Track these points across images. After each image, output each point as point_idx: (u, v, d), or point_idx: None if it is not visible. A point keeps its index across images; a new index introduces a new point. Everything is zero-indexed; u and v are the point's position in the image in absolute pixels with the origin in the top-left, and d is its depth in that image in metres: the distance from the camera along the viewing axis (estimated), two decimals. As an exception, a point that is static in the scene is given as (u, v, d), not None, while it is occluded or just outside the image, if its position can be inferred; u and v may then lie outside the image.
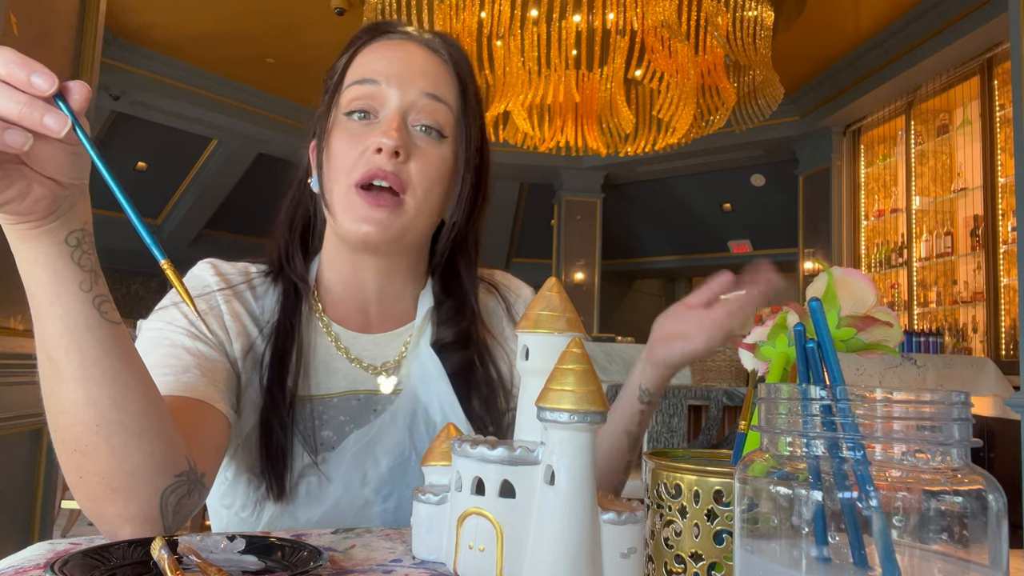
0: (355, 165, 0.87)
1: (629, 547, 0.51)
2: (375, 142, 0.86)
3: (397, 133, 0.86)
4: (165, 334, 0.86)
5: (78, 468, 0.66)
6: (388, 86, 0.89)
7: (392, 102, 0.89)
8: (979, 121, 5.71)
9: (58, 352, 0.62)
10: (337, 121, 0.90)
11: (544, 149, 5.44)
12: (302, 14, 6.23)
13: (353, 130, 0.89)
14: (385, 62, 0.91)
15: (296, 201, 0.99)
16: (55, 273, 0.61)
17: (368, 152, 0.87)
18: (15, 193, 0.56)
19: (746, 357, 0.62)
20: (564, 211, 9.62)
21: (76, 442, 0.65)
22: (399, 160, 0.87)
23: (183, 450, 0.71)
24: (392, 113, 0.88)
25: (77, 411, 0.64)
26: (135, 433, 0.65)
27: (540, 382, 0.53)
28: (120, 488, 0.66)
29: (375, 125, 0.89)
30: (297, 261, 0.96)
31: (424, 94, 0.90)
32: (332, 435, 0.91)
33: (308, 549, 0.58)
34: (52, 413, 0.66)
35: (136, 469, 0.66)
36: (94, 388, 0.63)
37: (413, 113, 0.89)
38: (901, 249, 6.58)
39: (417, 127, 0.90)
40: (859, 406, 0.39)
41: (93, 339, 0.63)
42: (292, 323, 0.92)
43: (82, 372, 0.63)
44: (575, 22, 4.51)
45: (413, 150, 0.88)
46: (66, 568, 0.50)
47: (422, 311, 0.96)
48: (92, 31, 2.39)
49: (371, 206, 0.86)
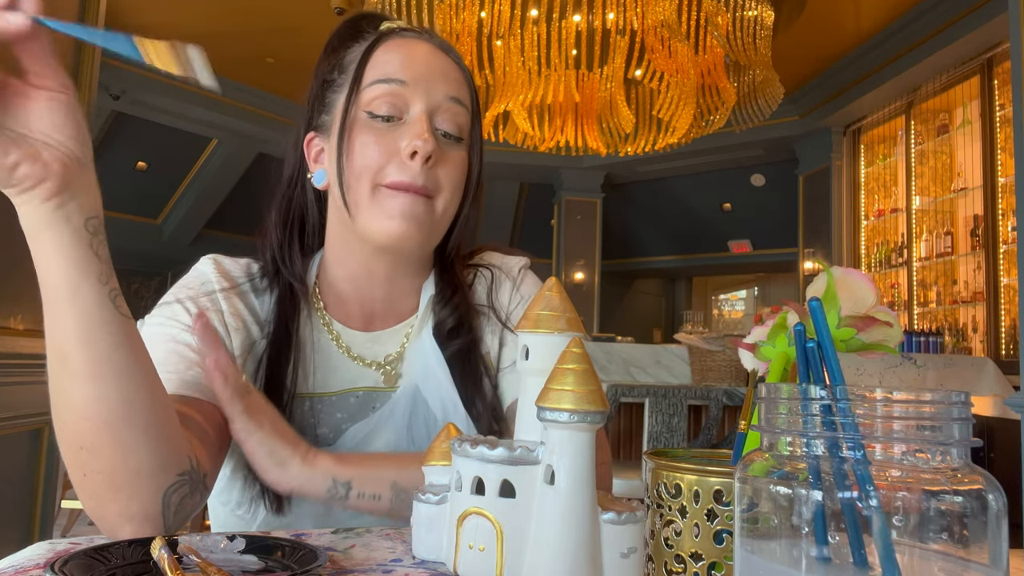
0: (384, 167, 0.86)
1: (629, 547, 0.51)
2: (409, 145, 0.85)
3: (432, 137, 0.86)
4: (167, 330, 0.86)
5: (83, 466, 0.66)
6: (414, 86, 0.88)
7: (419, 104, 0.88)
8: (979, 121, 5.71)
9: (71, 348, 0.62)
10: (358, 119, 0.89)
11: (544, 149, 5.44)
12: (302, 14, 6.23)
13: (378, 131, 0.87)
14: (409, 61, 0.89)
15: (289, 198, 0.97)
16: (75, 263, 0.61)
17: (399, 156, 0.86)
18: (23, 155, 0.57)
19: (746, 357, 0.62)
20: (564, 211, 9.62)
21: (83, 439, 0.65)
22: (428, 166, 0.87)
23: (186, 449, 0.71)
24: (421, 115, 0.88)
25: (86, 407, 0.64)
26: (142, 430, 0.65)
27: (540, 382, 0.53)
28: (124, 486, 0.66)
29: (400, 126, 0.88)
30: (295, 261, 0.95)
31: (448, 98, 0.90)
32: (329, 432, 0.90)
33: (308, 549, 0.58)
34: (59, 410, 0.65)
35: (141, 467, 0.66)
36: (104, 384, 0.63)
37: (438, 116, 0.89)
38: (901, 249, 6.58)
39: (440, 132, 0.89)
40: (859, 406, 0.39)
41: (107, 333, 0.63)
42: (288, 326, 0.91)
43: (94, 368, 0.63)
44: (575, 22, 4.51)
45: (439, 155, 0.88)
46: (66, 568, 0.50)
47: (424, 301, 0.96)
48: (92, 31, 2.38)
49: (404, 203, 0.86)
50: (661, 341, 8.21)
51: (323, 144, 0.93)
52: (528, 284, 1.03)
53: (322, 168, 0.93)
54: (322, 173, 0.93)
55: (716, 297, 13.24)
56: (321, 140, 0.94)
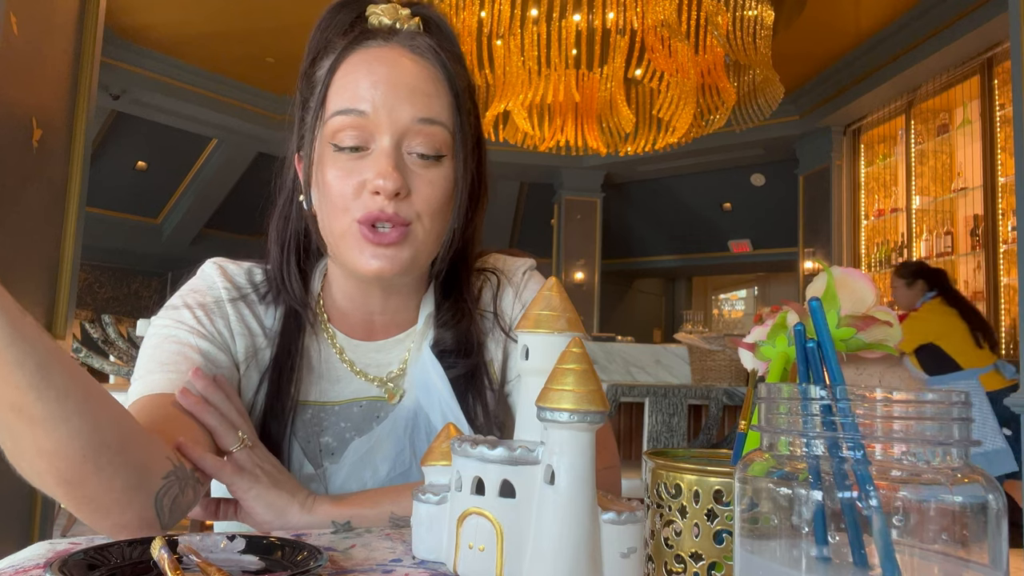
0: (354, 203, 0.82)
1: (629, 547, 0.51)
2: (372, 184, 0.81)
3: (395, 172, 0.81)
4: (173, 331, 0.86)
5: (67, 496, 0.63)
6: (377, 115, 0.82)
7: (383, 133, 0.82)
8: (979, 121, 5.71)
9: (27, 397, 0.56)
10: (325, 152, 0.84)
11: (544, 149, 5.44)
12: (302, 13, 6.22)
13: (344, 164, 0.83)
14: (369, 83, 0.82)
15: (285, 216, 0.94)
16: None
17: (366, 192, 0.82)
18: None
19: (746, 357, 0.62)
20: (564, 211, 9.62)
21: (61, 476, 0.61)
22: (400, 198, 0.82)
23: (163, 450, 0.70)
24: (385, 147, 0.82)
25: (59, 449, 0.59)
26: (119, 448, 0.63)
27: (540, 382, 0.53)
28: (114, 503, 0.65)
29: (367, 156, 0.83)
30: (293, 283, 0.92)
31: (417, 120, 0.82)
32: (332, 441, 0.90)
33: (308, 549, 0.58)
34: (27, 458, 0.61)
35: (126, 482, 0.65)
36: (75, 419, 0.58)
37: (407, 140, 0.83)
38: (901, 249, 6.58)
39: (414, 154, 0.83)
40: (859, 406, 0.39)
41: (59, 365, 0.57)
42: (293, 342, 0.91)
43: (58, 407, 0.57)
44: (575, 21, 4.51)
45: (413, 180, 0.83)
46: (66, 568, 0.50)
47: (423, 316, 0.95)
48: (92, 31, 2.39)
49: (378, 244, 0.82)
50: (661, 341, 8.21)
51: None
52: (531, 289, 1.00)
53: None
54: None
55: (716, 297, 13.24)
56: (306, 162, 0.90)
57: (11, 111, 1.97)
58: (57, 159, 2.27)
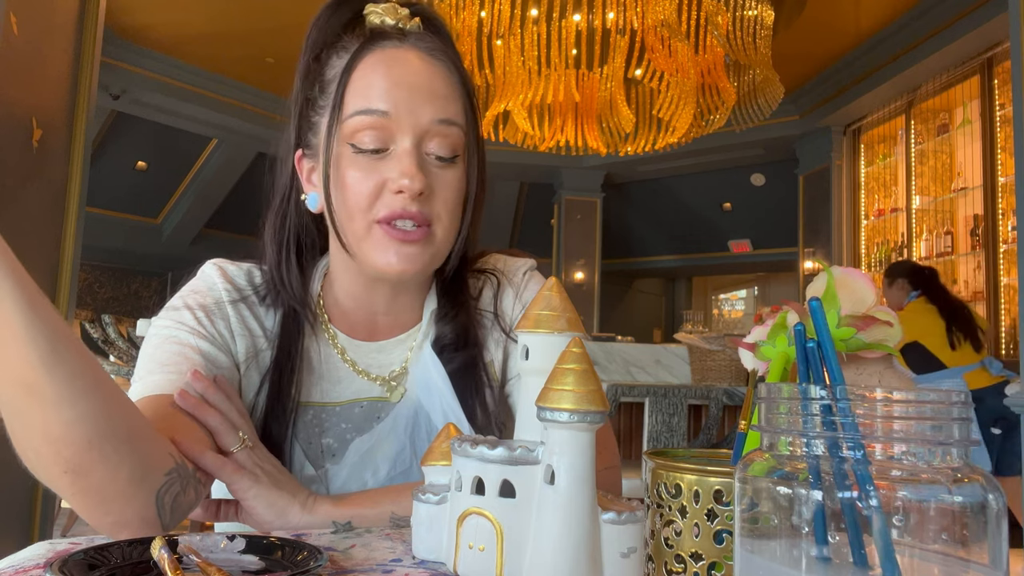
0: (375, 202, 0.83)
1: (629, 547, 0.51)
2: (395, 183, 0.82)
3: (419, 172, 0.82)
4: (173, 332, 0.86)
5: (71, 486, 0.63)
6: (398, 116, 0.83)
7: (405, 134, 0.83)
8: (979, 120, 5.70)
9: (39, 375, 0.57)
10: (342, 153, 0.84)
11: (544, 149, 5.44)
12: (302, 13, 6.19)
13: (364, 165, 0.83)
14: (391, 85, 0.83)
15: (283, 214, 0.93)
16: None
17: (387, 191, 0.83)
18: None
19: (746, 357, 0.62)
20: (564, 210, 9.61)
21: (67, 464, 0.61)
22: (422, 198, 0.83)
23: (166, 447, 0.71)
24: (407, 147, 0.83)
25: (67, 432, 0.59)
26: (124, 438, 0.64)
27: (540, 382, 0.53)
28: (116, 497, 0.65)
29: (387, 157, 0.84)
30: (292, 282, 0.92)
31: (437, 121, 0.84)
32: (333, 442, 0.90)
33: (308, 549, 0.58)
34: (32, 443, 0.61)
35: (131, 474, 0.65)
36: (83, 402, 0.59)
37: (427, 142, 0.84)
38: (901, 248, 6.58)
39: (432, 156, 0.85)
40: (859, 406, 0.39)
41: (72, 348, 0.58)
42: (294, 344, 0.91)
43: (67, 389, 0.58)
44: (575, 21, 4.51)
45: (433, 181, 0.84)
46: (66, 568, 0.50)
47: (427, 314, 0.95)
48: (92, 31, 2.39)
49: (401, 242, 0.83)
50: (661, 341, 8.22)
51: (313, 164, 0.90)
52: (531, 290, 1.00)
53: (315, 191, 0.90)
54: (315, 196, 0.90)
55: (716, 297, 13.24)
56: (311, 161, 0.90)
57: (11, 111, 1.97)
58: (57, 159, 2.27)
